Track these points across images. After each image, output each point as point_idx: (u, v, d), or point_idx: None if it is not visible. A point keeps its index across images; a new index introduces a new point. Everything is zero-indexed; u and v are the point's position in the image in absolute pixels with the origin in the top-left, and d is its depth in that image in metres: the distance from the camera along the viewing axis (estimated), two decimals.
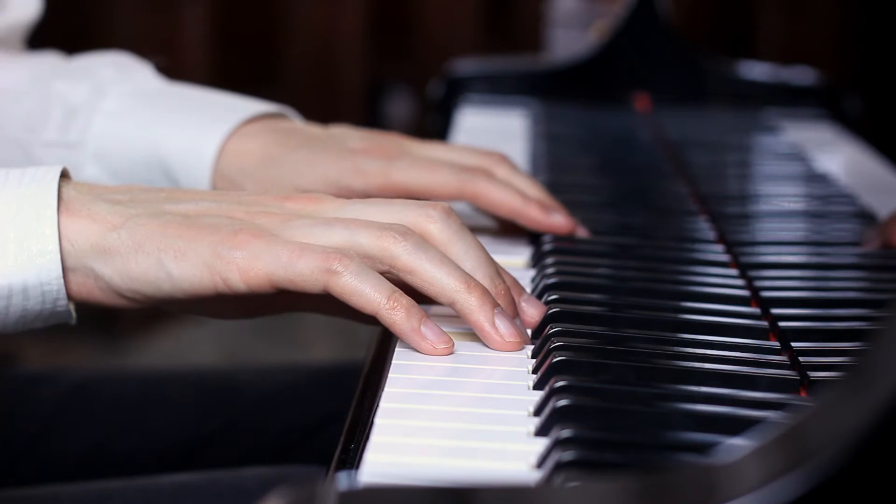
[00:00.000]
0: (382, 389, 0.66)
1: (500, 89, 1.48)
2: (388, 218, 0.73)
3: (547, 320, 0.74)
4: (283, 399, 1.09)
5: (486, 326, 0.71)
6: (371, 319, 0.71)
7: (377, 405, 0.64)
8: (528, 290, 0.83)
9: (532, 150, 1.25)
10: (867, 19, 1.45)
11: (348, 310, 0.71)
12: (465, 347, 0.73)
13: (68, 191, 0.74)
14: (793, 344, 0.73)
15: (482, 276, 0.73)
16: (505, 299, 0.74)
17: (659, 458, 0.58)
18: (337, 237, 0.71)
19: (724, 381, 0.67)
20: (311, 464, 1.00)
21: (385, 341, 0.76)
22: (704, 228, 1.00)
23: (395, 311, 0.69)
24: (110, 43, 1.05)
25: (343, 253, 0.70)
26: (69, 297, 0.74)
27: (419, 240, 0.72)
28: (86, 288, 0.73)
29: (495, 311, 0.71)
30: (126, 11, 2.94)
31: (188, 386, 1.11)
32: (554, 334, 0.71)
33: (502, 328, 0.71)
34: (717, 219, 1.02)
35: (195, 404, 1.09)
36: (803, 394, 0.67)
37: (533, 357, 0.71)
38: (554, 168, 1.17)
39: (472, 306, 0.71)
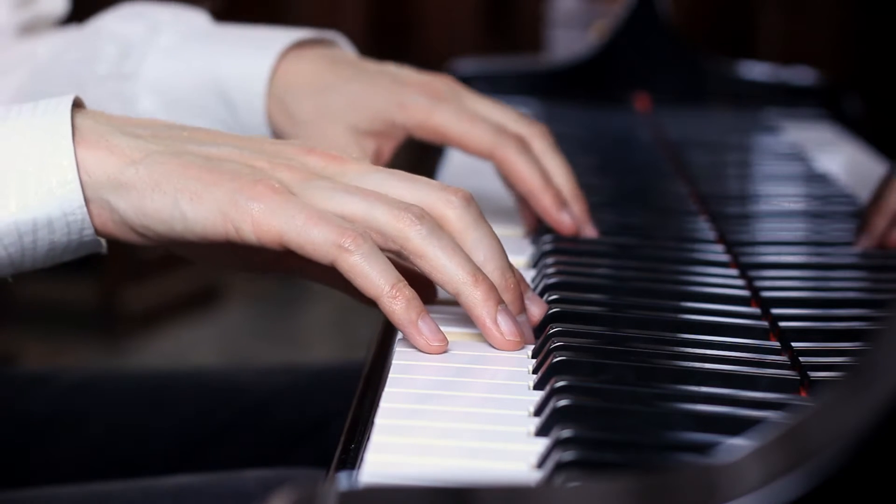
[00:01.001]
0: (382, 389, 0.66)
1: (500, 89, 1.48)
2: (408, 195, 0.73)
3: (547, 320, 0.74)
4: (283, 399, 1.09)
5: (488, 322, 0.71)
6: (369, 301, 0.71)
7: (377, 405, 0.64)
8: None
9: None
10: (867, 19, 1.45)
11: (351, 287, 0.71)
12: (465, 347, 0.73)
13: (84, 120, 0.73)
14: (793, 344, 0.73)
15: (493, 267, 0.73)
16: (513, 293, 0.73)
17: (659, 458, 0.58)
18: (354, 207, 0.71)
19: (724, 381, 0.67)
20: (311, 464, 1.00)
21: (385, 341, 0.76)
22: (704, 228, 1.00)
23: (396, 300, 0.69)
24: None
25: (358, 231, 0.69)
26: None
27: (434, 225, 0.71)
28: (101, 220, 0.72)
29: (499, 308, 0.71)
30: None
31: (188, 386, 1.11)
32: (554, 334, 0.71)
33: (504, 326, 0.71)
34: (717, 219, 1.02)
35: (195, 405, 1.09)
36: (803, 394, 0.67)
37: (533, 357, 0.71)
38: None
39: (477, 300, 0.71)
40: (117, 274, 3.00)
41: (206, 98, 0.97)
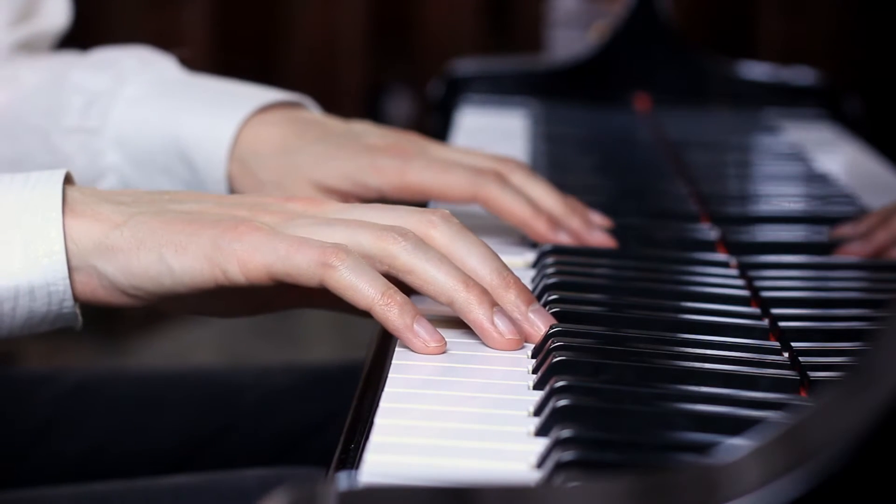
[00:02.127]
0: (382, 389, 0.66)
1: (500, 89, 1.48)
2: (388, 222, 0.73)
3: None
4: (283, 399, 1.09)
5: (486, 324, 0.71)
6: (367, 315, 0.71)
7: (377, 405, 0.64)
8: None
9: (532, 150, 1.25)
10: (867, 19, 1.45)
11: (346, 304, 0.71)
12: (464, 347, 0.73)
13: (72, 193, 0.74)
14: (793, 344, 0.73)
15: (489, 270, 0.73)
16: (515, 290, 0.73)
17: (659, 458, 0.58)
18: (338, 236, 0.71)
19: (724, 381, 0.67)
20: (311, 464, 1.00)
21: (385, 341, 0.76)
22: (704, 229, 1.00)
23: (388, 307, 0.70)
24: (108, 40, 1.06)
25: (340, 247, 0.70)
26: (74, 297, 0.74)
27: (418, 240, 0.72)
28: (90, 287, 0.74)
29: (494, 309, 0.71)
30: (125, 9, 2.94)
31: (188, 386, 1.11)
32: (554, 334, 0.71)
33: (501, 326, 0.71)
34: (717, 219, 1.02)
35: (195, 405, 1.09)
36: (803, 394, 0.67)
37: (533, 357, 0.71)
38: (554, 168, 1.17)
39: (471, 304, 0.71)
40: None
41: (169, 158, 0.97)
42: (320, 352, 3.00)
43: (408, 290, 0.72)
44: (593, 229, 0.93)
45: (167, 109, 0.98)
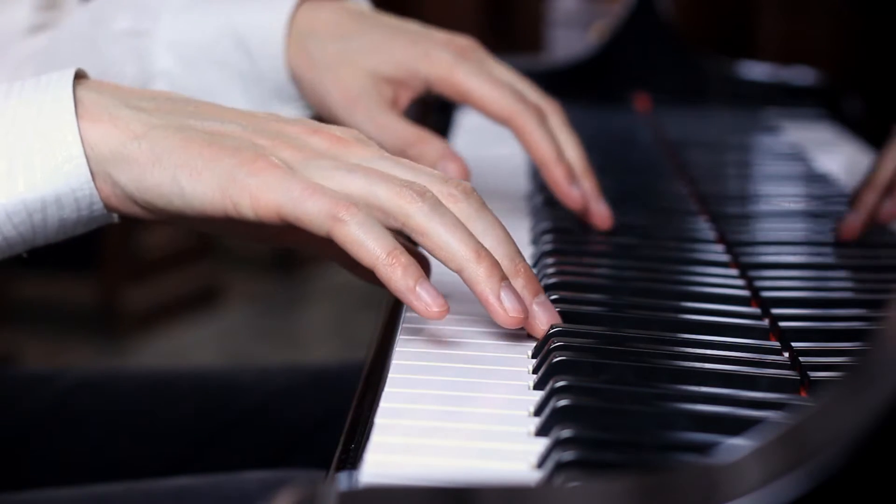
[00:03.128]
0: (382, 389, 0.66)
1: None
2: (410, 179, 0.72)
3: None
4: (283, 400, 1.09)
5: (491, 298, 0.70)
6: (370, 276, 0.71)
7: (377, 405, 0.64)
8: None
9: None
10: (867, 19, 1.45)
11: (350, 260, 0.71)
12: (464, 347, 0.73)
13: (88, 94, 0.73)
14: (793, 344, 0.73)
15: (502, 254, 0.72)
16: (524, 278, 0.72)
17: (659, 458, 0.58)
18: (356, 184, 0.70)
19: (724, 381, 0.67)
20: (311, 464, 1.00)
21: (385, 341, 0.76)
22: (704, 228, 1.00)
23: (392, 266, 0.68)
24: None
25: (352, 202, 0.69)
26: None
27: (436, 202, 0.71)
28: (104, 193, 0.72)
29: (502, 284, 0.70)
30: None
31: (188, 387, 1.11)
32: (554, 334, 0.71)
33: (507, 302, 0.70)
34: (717, 219, 1.02)
35: (195, 405, 1.09)
36: (803, 394, 0.67)
37: (533, 357, 0.71)
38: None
39: (480, 276, 0.70)
40: (117, 274, 3.00)
41: (224, 49, 0.97)
42: (320, 352, 3.00)
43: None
44: (600, 200, 0.94)
45: (216, 11, 0.98)
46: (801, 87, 1.47)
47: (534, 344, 0.73)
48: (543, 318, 0.73)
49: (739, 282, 0.86)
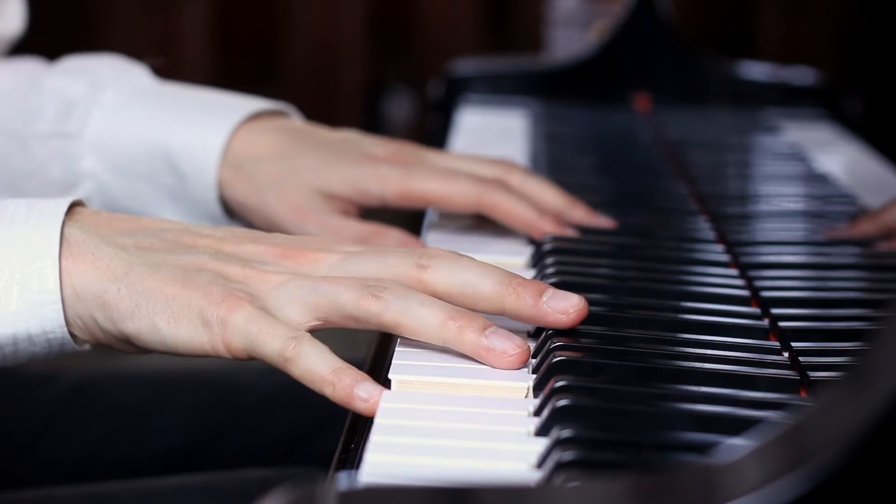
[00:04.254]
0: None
1: (500, 89, 1.48)
2: (381, 272, 0.73)
3: None
4: (283, 399, 1.09)
5: (483, 353, 0.70)
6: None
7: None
8: None
9: (532, 150, 1.25)
10: (867, 19, 1.45)
11: None
12: None
13: (73, 232, 0.73)
14: (793, 344, 0.73)
15: (491, 284, 0.72)
16: (523, 290, 0.71)
17: (659, 458, 0.58)
18: (322, 302, 0.72)
19: (724, 381, 0.67)
20: (311, 464, 1.00)
21: (385, 341, 0.76)
22: (704, 228, 1.00)
23: (334, 385, 0.69)
24: (109, 41, 1.06)
25: (299, 336, 0.70)
26: (74, 338, 0.74)
27: (397, 291, 0.71)
28: (89, 331, 0.74)
29: (486, 332, 0.70)
30: (125, 9, 2.94)
31: (188, 387, 1.11)
32: (554, 334, 0.71)
33: (499, 346, 0.70)
34: (717, 219, 1.02)
35: (195, 405, 1.09)
36: (803, 394, 0.67)
37: (533, 357, 0.71)
38: (554, 168, 1.17)
39: (464, 341, 0.70)
40: None
41: (153, 164, 0.97)
42: None
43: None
44: (597, 215, 0.95)
45: (149, 117, 0.98)
46: (801, 87, 1.47)
47: (534, 344, 0.73)
48: (561, 305, 0.72)
49: (739, 282, 0.86)
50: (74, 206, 0.75)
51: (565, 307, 0.71)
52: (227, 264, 0.74)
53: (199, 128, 0.96)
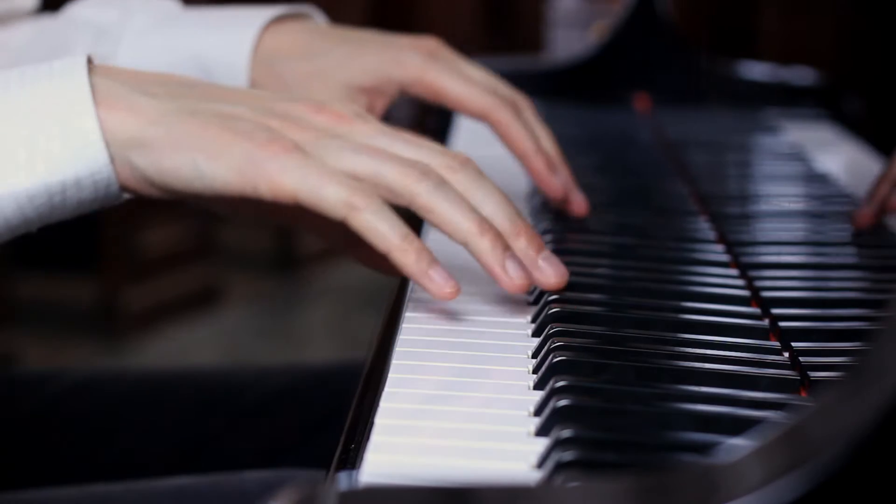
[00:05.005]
0: (382, 389, 0.66)
1: None
2: (413, 157, 0.75)
3: (547, 320, 0.75)
4: (283, 399, 1.09)
5: (497, 269, 0.74)
6: (373, 262, 0.77)
7: (377, 405, 0.64)
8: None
9: None
10: (867, 19, 1.45)
11: (352, 247, 0.76)
12: (464, 347, 0.73)
13: (101, 80, 0.74)
14: (793, 344, 0.73)
15: (503, 217, 0.76)
16: (526, 237, 0.76)
17: (659, 458, 0.58)
18: (363, 165, 0.73)
19: (724, 381, 0.67)
20: (311, 464, 1.00)
21: (385, 341, 0.76)
22: (704, 228, 1.00)
23: (406, 252, 0.72)
24: None
25: (367, 191, 0.72)
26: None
27: (440, 180, 0.74)
28: (122, 176, 0.74)
29: (506, 254, 0.74)
30: None
31: (188, 386, 1.11)
32: (554, 334, 0.71)
33: (511, 271, 0.74)
34: (717, 219, 1.02)
35: (195, 405, 1.09)
36: (803, 394, 0.67)
37: (533, 357, 0.71)
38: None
39: (485, 248, 0.74)
40: (117, 274, 3.00)
41: (185, 72, 0.98)
42: (320, 352, 3.00)
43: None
44: (577, 189, 0.97)
45: (179, 34, 1.00)
46: (801, 87, 1.47)
47: (534, 344, 0.73)
48: (550, 271, 0.77)
49: (739, 282, 0.86)
50: (91, 63, 0.76)
51: (554, 274, 0.77)
52: (265, 115, 0.75)
53: (228, 31, 0.99)
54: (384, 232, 0.72)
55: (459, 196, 0.74)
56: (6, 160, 0.72)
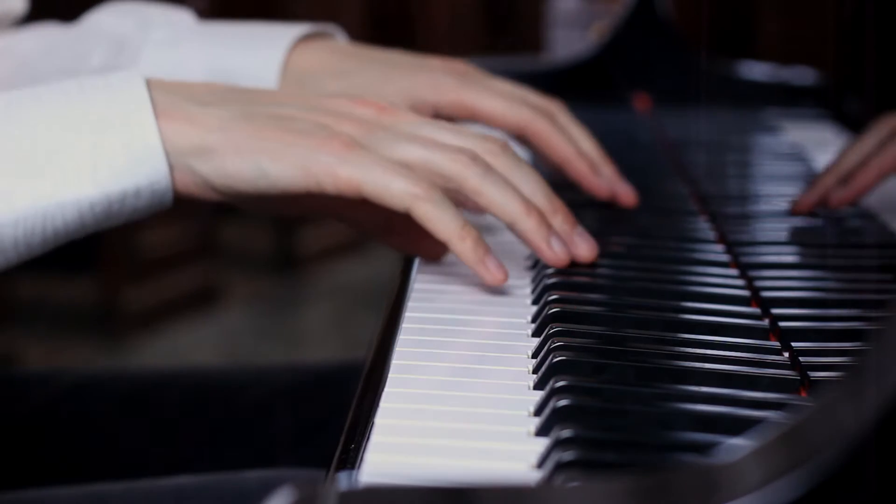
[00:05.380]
0: (382, 389, 0.66)
1: None
2: (456, 143, 0.79)
3: (547, 320, 0.75)
4: (284, 399, 1.09)
5: (543, 246, 0.80)
6: (396, 243, 0.83)
7: (377, 405, 0.64)
8: (528, 290, 0.83)
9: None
10: (867, 19, 1.45)
11: (389, 232, 0.82)
12: (464, 347, 0.73)
13: (158, 95, 0.77)
14: (793, 344, 0.73)
15: (541, 196, 0.81)
16: (562, 214, 0.82)
17: (659, 458, 0.58)
18: (415, 153, 0.78)
19: (724, 381, 0.67)
20: (311, 464, 1.00)
21: (385, 341, 0.76)
22: (704, 228, 1.00)
23: (465, 241, 0.77)
24: None
25: (427, 180, 0.76)
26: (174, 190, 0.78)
27: (486, 165, 0.79)
28: (182, 183, 0.78)
29: (549, 232, 0.80)
30: None
31: (188, 386, 1.11)
32: (554, 334, 0.71)
33: (556, 247, 0.81)
34: (717, 219, 1.02)
35: (195, 405, 1.09)
36: (803, 394, 0.67)
37: (533, 357, 0.71)
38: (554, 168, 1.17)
39: (531, 227, 0.80)
40: (117, 274, 3.00)
41: None
42: (320, 352, 3.00)
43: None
44: (623, 181, 0.99)
45: (202, 48, 1.01)
46: (801, 87, 1.47)
47: (534, 344, 0.73)
48: (584, 245, 0.83)
49: (739, 282, 0.86)
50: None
51: (588, 248, 0.83)
52: (315, 114, 0.78)
53: (255, 49, 1.00)
54: (447, 221, 0.76)
55: (504, 179, 0.79)
56: (71, 168, 0.76)
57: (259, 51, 0.99)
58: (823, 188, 1.01)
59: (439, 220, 0.76)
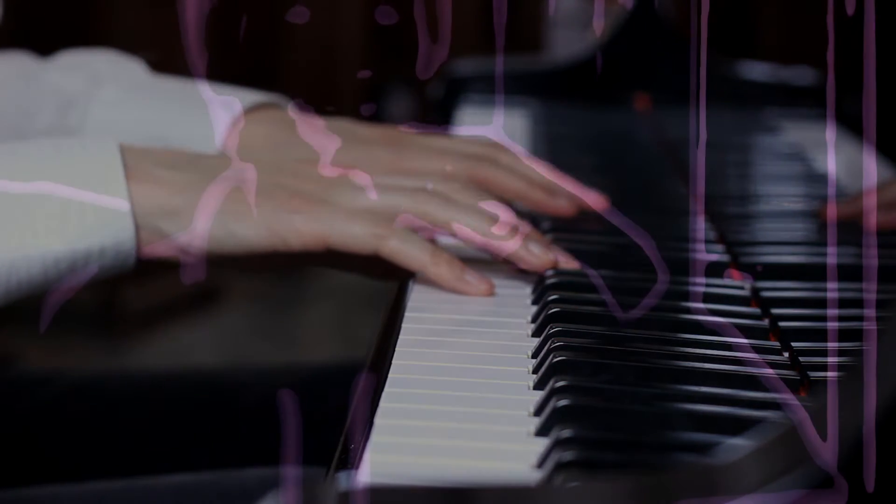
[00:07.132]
0: (382, 389, 0.66)
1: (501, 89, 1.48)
2: (416, 185, 0.83)
3: (547, 320, 0.74)
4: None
5: (523, 255, 0.82)
6: (375, 273, 0.85)
7: (377, 405, 0.64)
8: (528, 290, 0.83)
9: (532, 150, 1.25)
10: (867, 19, 1.45)
11: (392, 272, 0.82)
12: (464, 347, 0.73)
13: (130, 158, 0.80)
14: (793, 344, 0.73)
15: (507, 216, 0.82)
16: (531, 232, 0.84)
17: (659, 458, 0.58)
18: (376, 200, 0.80)
19: (724, 381, 0.67)
20: (311, 464, 1.00)
21: (385, 341, 0.76)
22: (704, 228, 1.00)
23: (439, 265, 0.79)
24: (109, 39, 1.07)
25: (388, 220, 0.78)
26: (137, 254, 0.80)
27: (446, 194, 0.82)
28: (149, 243, 0.80)
29: (524, 241, 0.81)
30: (125, 9, 2.94)
31: (188, 386, 1.11)
32: (554, 334, 0.71)
33: (535, 250, 0.82)
34: (717, 219, 1.02)
35: (195, 404, 1.09)
36: (803, 394, 0.67)
37: (533, 357, 0.71)
38: (554, 168, 1.17)
39: (504, 244, 0.81)
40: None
41: None
42: (320, 352, 3.00)
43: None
44: (586, 190, 0.97)
45: (147, 112, 1.01)
46: (801, 87, 1.47)
47: (534, 344, 0.73)
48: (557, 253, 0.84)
49: (739, 282, 0.86)
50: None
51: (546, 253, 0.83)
52: (275, 175, 0.81)
53: (197, 123, 0.99)
54: (417, 252, 0.78)
55: (466, 204, 0.81)
56: (41, 224, 0.77)
57: (200, 126, 0.99)
58: (863, 208, 0.99)
59: (408, 252, 0.78)
